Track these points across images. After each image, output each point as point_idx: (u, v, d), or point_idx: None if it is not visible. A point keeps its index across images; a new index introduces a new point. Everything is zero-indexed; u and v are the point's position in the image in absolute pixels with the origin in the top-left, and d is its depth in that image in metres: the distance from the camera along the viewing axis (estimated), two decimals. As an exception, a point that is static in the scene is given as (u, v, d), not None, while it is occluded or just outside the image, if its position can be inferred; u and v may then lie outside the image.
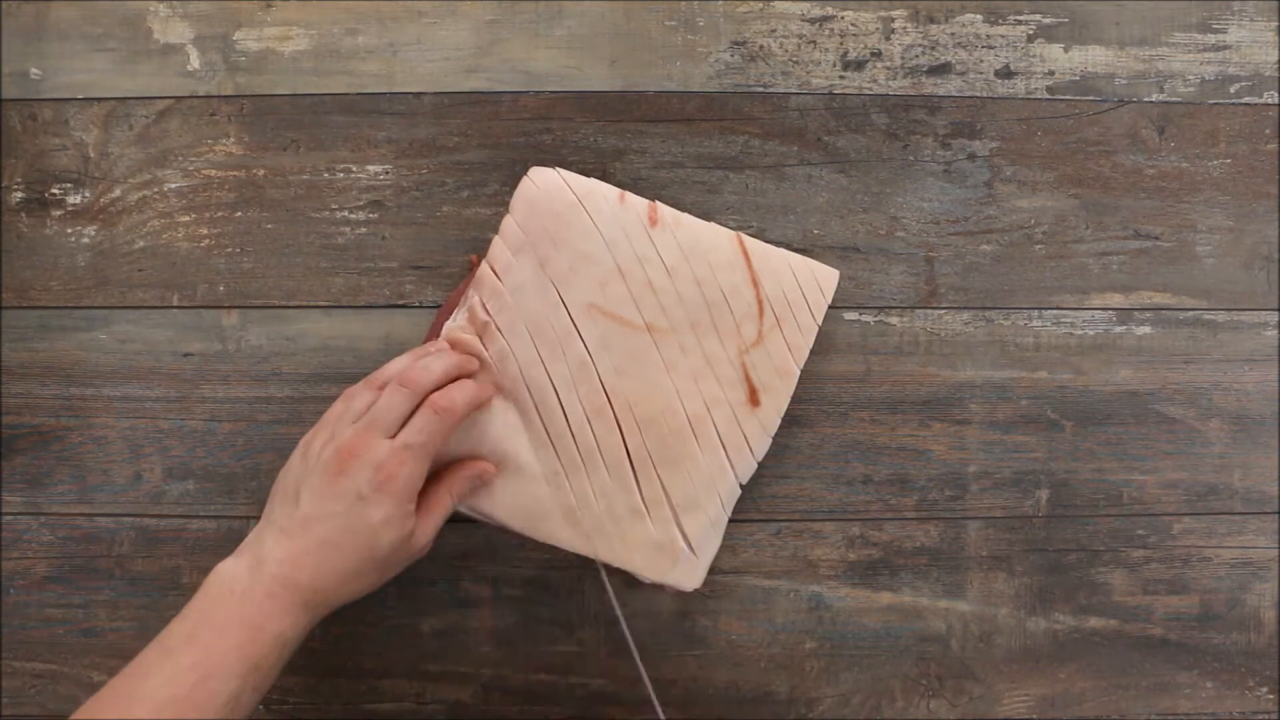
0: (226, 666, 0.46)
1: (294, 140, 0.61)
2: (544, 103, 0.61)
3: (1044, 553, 0.61)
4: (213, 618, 0.47)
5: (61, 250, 0.61)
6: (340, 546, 0.49)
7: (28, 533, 0.60)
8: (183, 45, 0.61)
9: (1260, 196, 0.62)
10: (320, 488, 0.49)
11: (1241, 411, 0.62)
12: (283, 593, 0.48)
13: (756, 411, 0.56)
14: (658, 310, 0.55)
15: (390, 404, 0.51)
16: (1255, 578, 0.61)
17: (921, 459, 0.61)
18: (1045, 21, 0.62)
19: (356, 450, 0.49)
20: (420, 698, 0.60)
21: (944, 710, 0.60)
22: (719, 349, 0.56)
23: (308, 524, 0.49)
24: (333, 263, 0.61)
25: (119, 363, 0.61)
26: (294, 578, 0.48)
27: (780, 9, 0.62)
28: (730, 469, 0.56)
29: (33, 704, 0.59)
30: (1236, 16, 0.63)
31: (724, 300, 0.56)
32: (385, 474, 0.49)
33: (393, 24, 0.61)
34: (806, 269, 0.57)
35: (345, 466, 0.49)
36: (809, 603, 0.61)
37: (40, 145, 0.61)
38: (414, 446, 0.50)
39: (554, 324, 0.54)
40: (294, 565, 0.48)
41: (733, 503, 0.57)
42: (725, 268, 0.56)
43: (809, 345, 0.57)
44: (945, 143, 0.62)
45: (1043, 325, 0.61)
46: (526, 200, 0.55)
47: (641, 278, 0.55)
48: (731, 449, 0.56)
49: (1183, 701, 0.61)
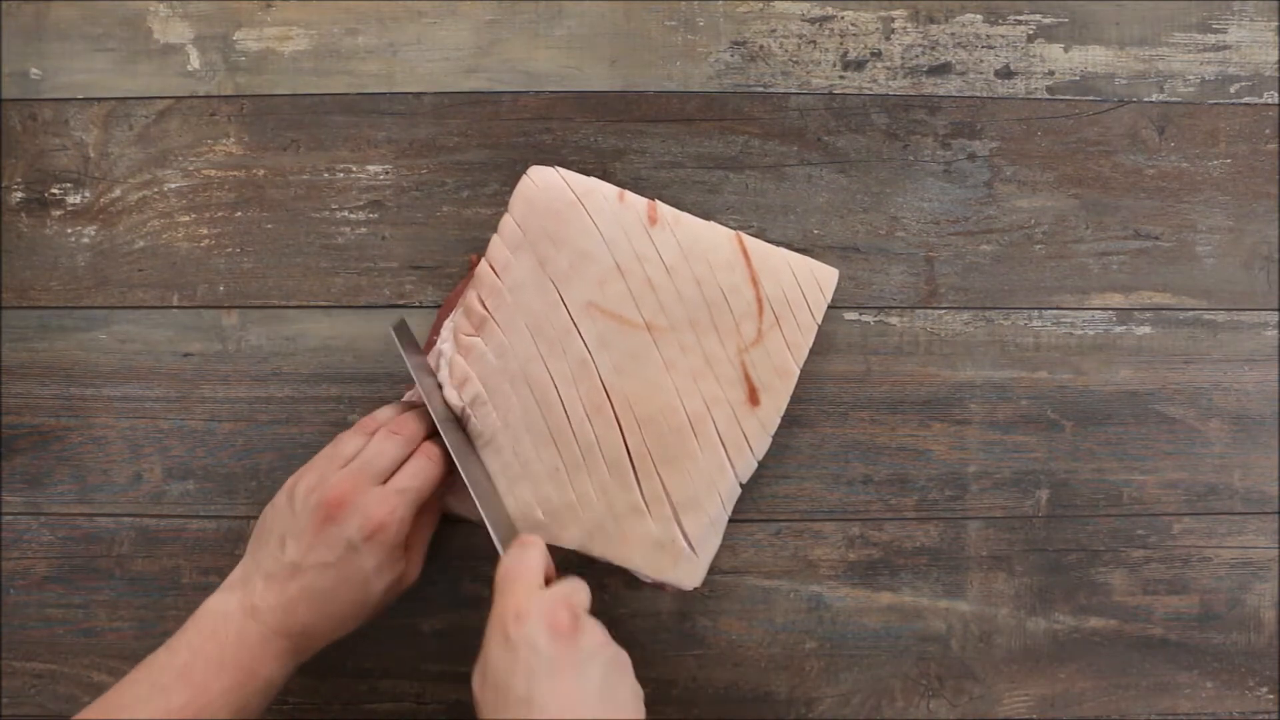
0: (216, 709, 0.46)
1: (294, 140, 0.61)
2: (544, 103, 0.61)
3: (1044, 553, 0.61)
4: (206, 658, 0.47)
5: (61, 250, 0.61)
6: (334, 595, 0.48)
7: (28, 533, 0.60)
8: (183, 45, 0.61)
9: (1260, 196, 0.62)
10: (309, 535, 0.48)
11: (1241, 411, 0.62)
12: (275, 639, 0.48)
13: (756, 410, 0.56)
14: (657, 309, 0.55)
15: (381, 450, 0.51)
16: (1255, 578, 0.61)
17: (921, 459, 0.61)
18: (1045, 21, 0.62)
19: (345, 498, 0.49)
20: (420, 698, 0.60)
21: (944, 710, 0.60)
22: (718, 348, 0.56)
23: (297, 572, 0.48)
24: (333, 263, 0.61)
25: (119, 363, 0.61)
26: (288, 625, 0.48)
27: (780, 9, 0.62)
28: (730, 468, 0.56)
29: (33, 704, 0.59)
30: (1236, 16, 0.63)
31: (723, 299, 0.56)
32: (376, 523, 0.48)
33: (393, 24, 0.62)
34: (806, 268, 0.57)
35: (334, 514, 0.48)
36: (809, 603, 0.61)
37: (40, 145, 0.61)
38: (407, 492, 0.50)
39: (553, 322, 0.54)
40: (287, 613, 0.48)
41: (733, 502, 0.57)
42: (725, 267, 0.56)
43: (809, 344, 0.57)
44: (945, 143, 0.62)
45: (1043, 325, 0.62)
46: (526, 199, 0.55)
47: (641, 276, 0.55)
48: (731, 448, 0.56)
49: (1183, 701, 0.61)
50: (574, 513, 0.54)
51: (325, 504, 0.49)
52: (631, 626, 0.60)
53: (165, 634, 0.59)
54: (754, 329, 0.56)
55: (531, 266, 0.54)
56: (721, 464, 0.56)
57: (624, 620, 0.60)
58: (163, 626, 0.60)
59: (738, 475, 0.56)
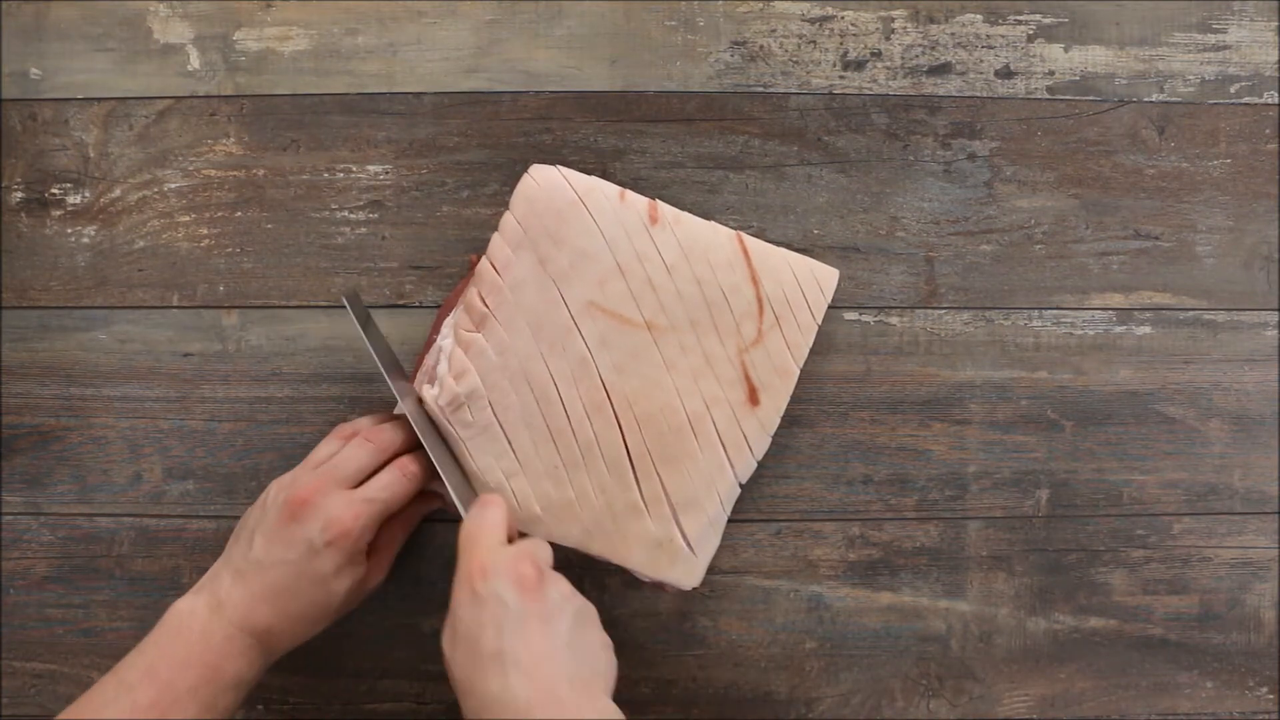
0: (184, 706, 0.46)
1: (294, 140, 0.61)
2: (544, 103, 0.61)
3: (1044, 553, 0.61)
4: (172, 655, 0.47)
5: (61, 250, 0.61)
6: (294, 593, 0.49)
7: (28, 533, 0.60)
8: (183, 45, 0.61)
9: (1260, 196, 0.62)
10: (272, 533, 0.49)
11: (1241, 411, 0.62)
12: (240, 635, 0.48)
13: (756, 410, 0.56)
14: (657, 308, 0.55)
15: (353, 455, 0.51)
16: (1255, 578, 0.61)
17: (921, 459, 0.61)
18: (1045, 21, 0.62)
19: (310, 499, 0.49)
20: (420, 698, 0.60)
21: (944, 710, 0.60)
22: (718, 347, 0.56)
23: (261, 568, 0.49)
24: (333, 263, 0.61)
25: (119, 363, 0.61)
26: (250, 620, 0.48)
27: (780, 9, 0.62)
28: (729, 468, 0.56)
29: (33, 704, 0.59)
30: (1236, 16, 0.63)
31: (724, 299, 0.56)
32: (339, 528, 0.49)
33: (393, 24, 0.62)
34: (806, 268, 0.57)
35: (298, 513, 0.49)
36: (809, 603, 0.61)
37: (40, 145, 0.61)
38: (374, 502, 0.50)
39: (554, 321, 0.54)
40: (250, 609, 0.48)
41: (732, 502, 0.57)
42: (725, 266, 0.56)
43: (809, 344, 0.57)
44: (945, 143, 0.62)
45: (1043, 325, 0.62)
46: (527, 197, 0.55)
47: (641, 276, 0.55)
48: (731, 448, 0.56)
49: (1183, 701, 0.61)
50: (573, 510, 0.54)
51: (290, 503, 0.49)
52: (631, 626, 0.60)
53: (165, 634, 0.59)
54: (754, 329, 0.56)
55: (532, 265, 0.54)
56: (721, 464, 0.56)
57: (624, 620, 0.60)
58: (162, 626, 0.60)
59: (737, 475, 0.56)
